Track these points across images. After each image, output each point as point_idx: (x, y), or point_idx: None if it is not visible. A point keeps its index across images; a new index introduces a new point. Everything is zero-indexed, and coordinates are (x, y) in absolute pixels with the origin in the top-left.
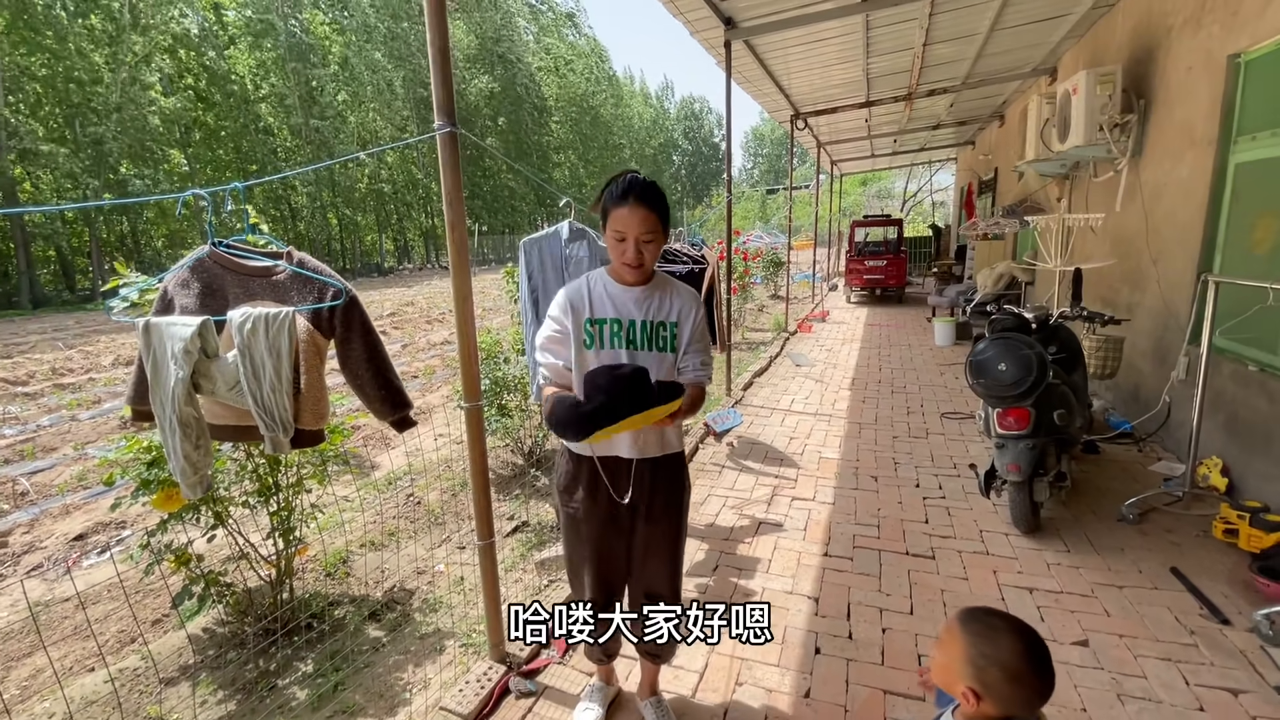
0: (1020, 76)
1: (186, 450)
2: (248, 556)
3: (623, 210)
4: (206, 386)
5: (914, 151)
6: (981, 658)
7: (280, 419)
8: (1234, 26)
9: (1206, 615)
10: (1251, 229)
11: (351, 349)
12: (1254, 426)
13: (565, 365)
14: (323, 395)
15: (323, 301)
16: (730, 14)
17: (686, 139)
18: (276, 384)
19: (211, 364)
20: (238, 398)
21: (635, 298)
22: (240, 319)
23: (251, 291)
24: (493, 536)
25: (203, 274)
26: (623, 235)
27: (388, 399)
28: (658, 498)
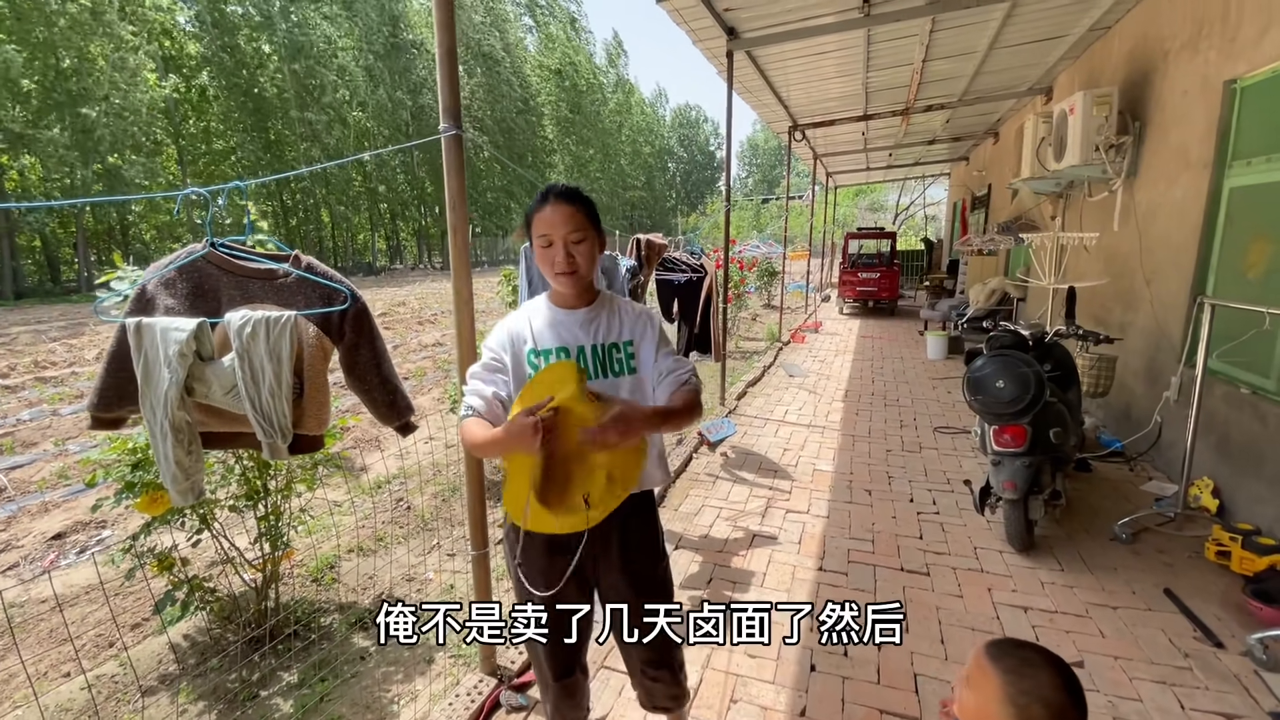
0: (1016, 95)
1: (178, 456)
2: (233, 561)
3: (543, 212)
4: (200, 391)
5: (908, 166)
6: (1022, 695)
7: (279, 425)
8: (1231, 53)
9: (1200, 638)
10: (1245, 253)
11: (360, 355)
12: (1245, 449)
13: (496, 394)
14: (326, 401)
15: (330, 306)
16: (733, 24)
17: (682, 147)
18: (276, 389)
19: (206, 368)
20: (234, 403)
21: (580, 321)
22: (240, 322)
23: (250, 294)
24: (486, 547)
25: (193, 275)
26: (549, 239)
27: (394, 405)
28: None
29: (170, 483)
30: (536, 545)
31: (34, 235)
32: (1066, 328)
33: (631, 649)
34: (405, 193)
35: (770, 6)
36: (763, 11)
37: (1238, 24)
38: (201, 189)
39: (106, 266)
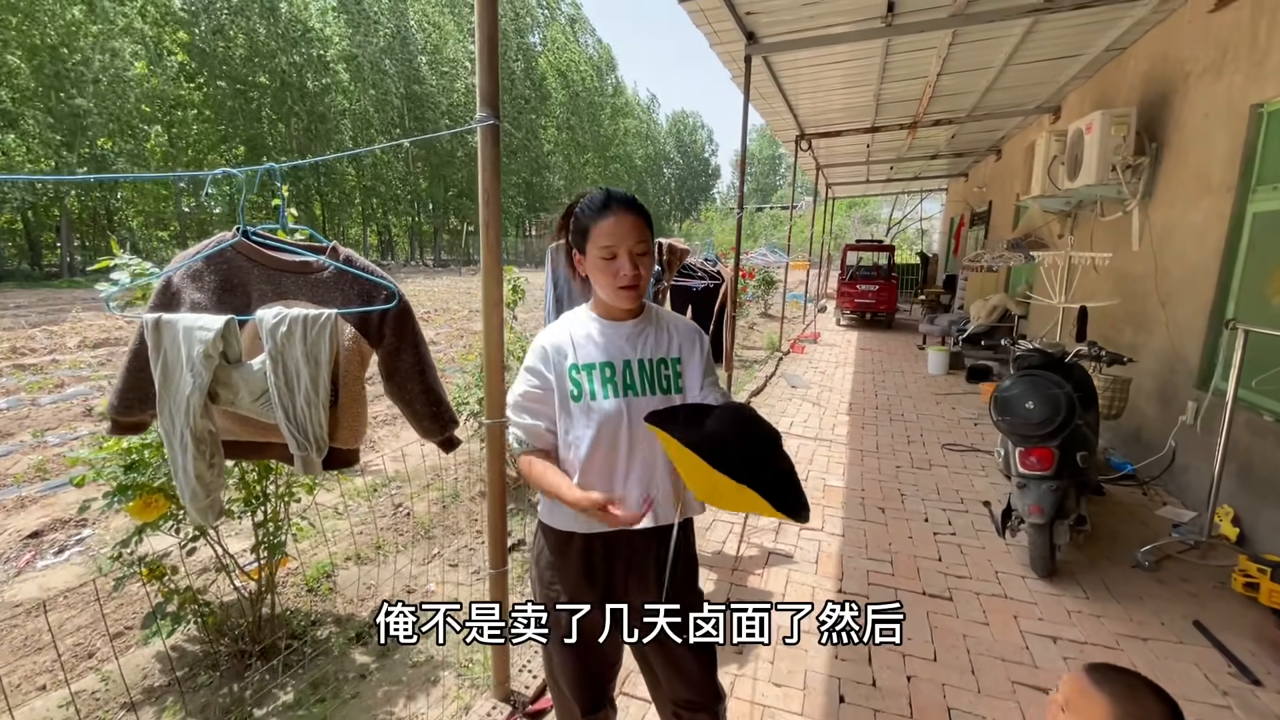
0: (1024, 113)
1: (199, 469)
2: (228, 569)
3: (607, 222)
4: (225, 397)
5: (907, 179)
6: None
7: (314, 436)
8: (1259, 77)
9: (1236, 674)
10: (1269, 278)
11: (401, 360)
12: (1269, 478)
13: (548, 427)
14: (362, 410)
15: (370, 305)
16: (753, 28)
17: (679, 153)
18: (313, 396)
19: (233, 371)
20: (264, 410)
21: (627, 334)
22: (274, 320)
23: (283, 289)
24: (506, 565)
25: (221, 266)
26: (613, 251)
27: (437, 417)
28: (675, 577)
29: (189, 499)
30: (572, 563)
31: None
32: (1088, 348)
33: (665, 686)
34: (399, 188)
35: (792, 12)
36: (784, 17)
37: (1267, 49)
38: (234, 169)
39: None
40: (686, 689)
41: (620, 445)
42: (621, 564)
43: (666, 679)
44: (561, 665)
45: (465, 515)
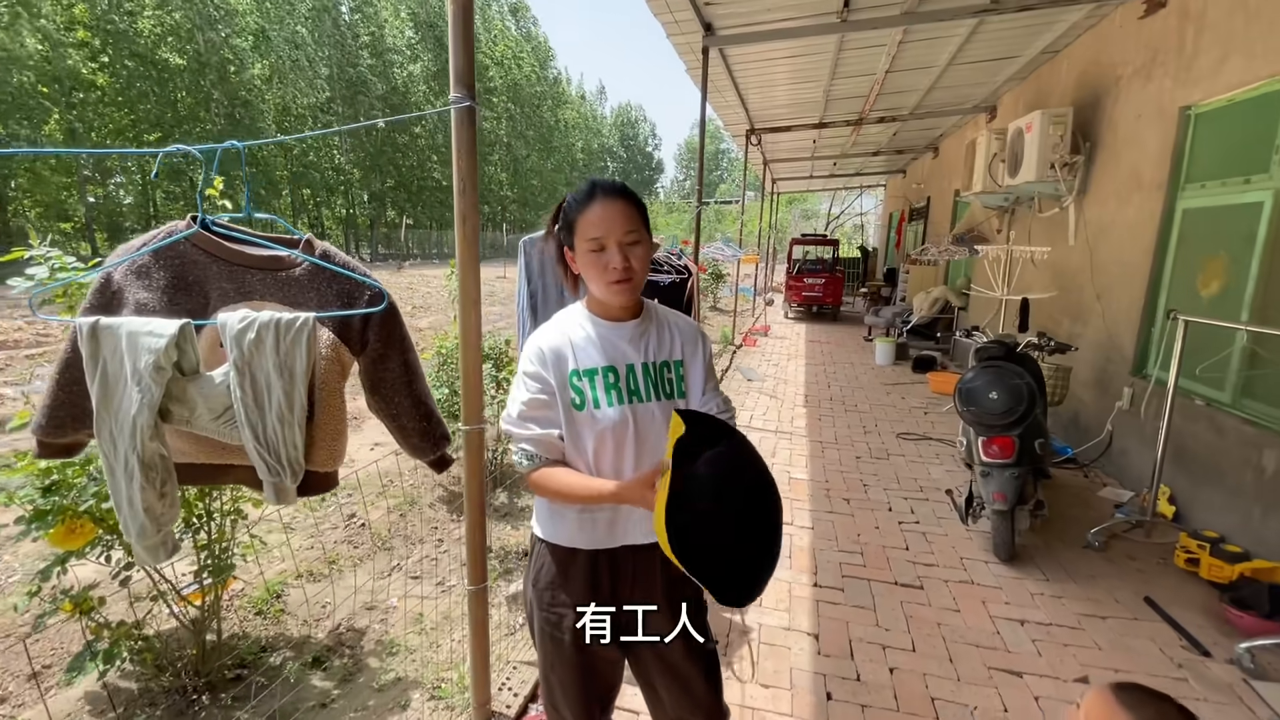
0: (962, 112)
1: (149, 501)
2: (164, 595)
3: (593, 210)
4: (179, 414)
5: (849, 176)
6: None
7: (288, 459)
8: (1186, 81)
9: (1188, 647)
10: (1198, 271)
11: (388, 369)
12: (1202, 458)
13: (560, 434)
14: (342, 428)
15: (351, 306)
16: (710, 19)
17: (622, 146)
18: (286, 413)
19: (189, 385)
20: (226, 430)
21: (628, 336)
22: (240, 325)
23: (247, 288)
24: (485, 580)
25: (173, 261)
26: (600, 242)
27: (428, 433)
28: (680, 594)
29: (136, 536)
30: (576, 581)
31: None
32: (1038, 338)
33: (669, 705)
34: (331, 178)
35: (750, 4)
36: (742, 9)
37: (1194, 54)
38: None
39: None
40: (693, 708)
41: (626, 455)
42: (627, 580)
43: (672, 698)
44: (563, 687)
45: (424, 523)
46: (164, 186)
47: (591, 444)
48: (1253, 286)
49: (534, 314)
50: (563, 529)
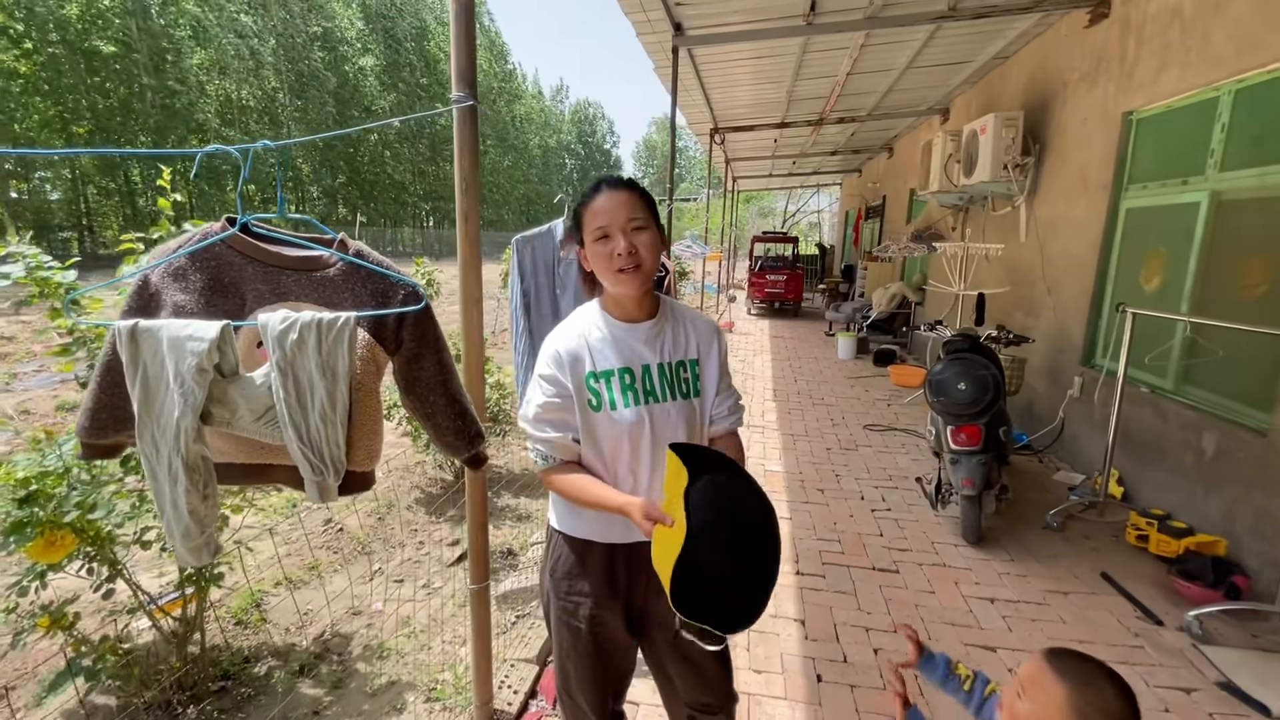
0: (917, 114)
1: (193, 504)
2: (144, 607)
3: (597, 200)
4: (220, 416)
5: (807, 174)
6: (1089, 706)
7: (331, 458)
8: (1129, 88)
9: (1142, 617)
10: (1141, 266)
11: (422, 369)
12: (1147, 442)
13: (574, 437)
14: (378, 427)
15: (386, 305)
16: (680, 19)
17: (580, 143)
18: (329, 413)
19: (230, 386)
20: (268, 431)
21: (644, 336)
22: (281, 325)
23: (283, 289)
24: (488, 579)
25: (209, 263)
26: (605, 230)
27: (463, 432)
28: None
29: (180, 538)
30: (593, 572)
31: None
32: (998, 331)
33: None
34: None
35: (719, 5)
36: (710, 9)
37: (1135, 62)
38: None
39: None
40: (705, 692)
41: (643, 455)
42: (643, 572)
43: (685, 684)
44: (579, 676)
45: (403, 526)
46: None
47: (608, 445)
48: (1191, 280)
49: (527, 312)
50: (580, 522)
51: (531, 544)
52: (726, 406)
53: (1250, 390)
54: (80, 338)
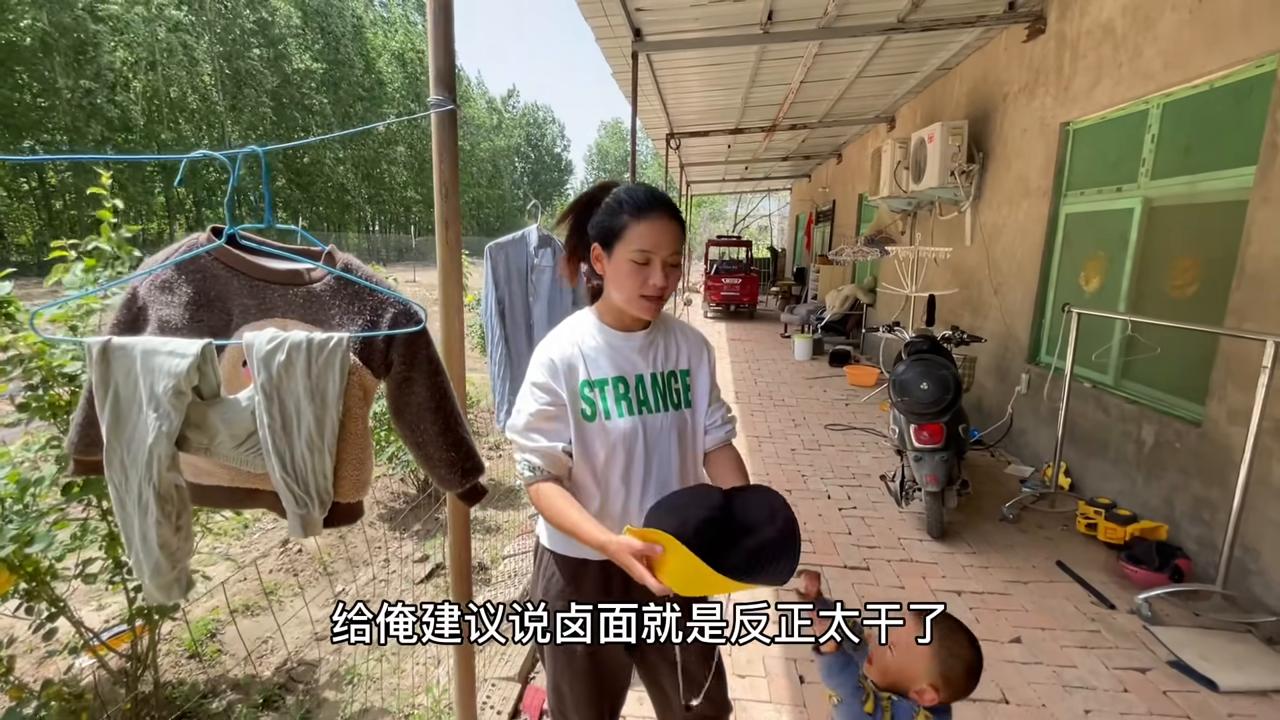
0: (864, 121)
1: (164, 536)
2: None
3: (648, 224)
4: (197, 442)
5: (758, 179)
6: (950, 655)
7: (317, 490)
8: (1065, 100)
9: (1097, 602)
10: (1081, 269)
11: (413, 393)
12: (1091, 434)
13: (565, 448)
14: (367, 456)
15: (375, 323)
16: (640, 25)
17: (529, 146)
18: (316, 440)
19: (209, 409)
20: (249, 458)
21: (638, 346)
22: (268, 346)
23: (269, 305)
24: (470, 598)
25: (195, 275)
26: (647, 257)
27: (457, 463)
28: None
29: (150, 575)
30: (588, 592)
31: None
32: (952, 331)
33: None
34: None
35: (678, 13)
36: (669, 16)
37: (1071, 76)
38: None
39: None
40: (703, 704)
41: (636, 465)
42: (638, 589)
43: (682, 697)
44: (575, 696)
45: (366, 544)
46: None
47: (602, 454)
48: (1128, 281)
49: (502, 320)
50: (571, 540)
51: (504, 557)
52: (719, 417)
53: (1185, 384)
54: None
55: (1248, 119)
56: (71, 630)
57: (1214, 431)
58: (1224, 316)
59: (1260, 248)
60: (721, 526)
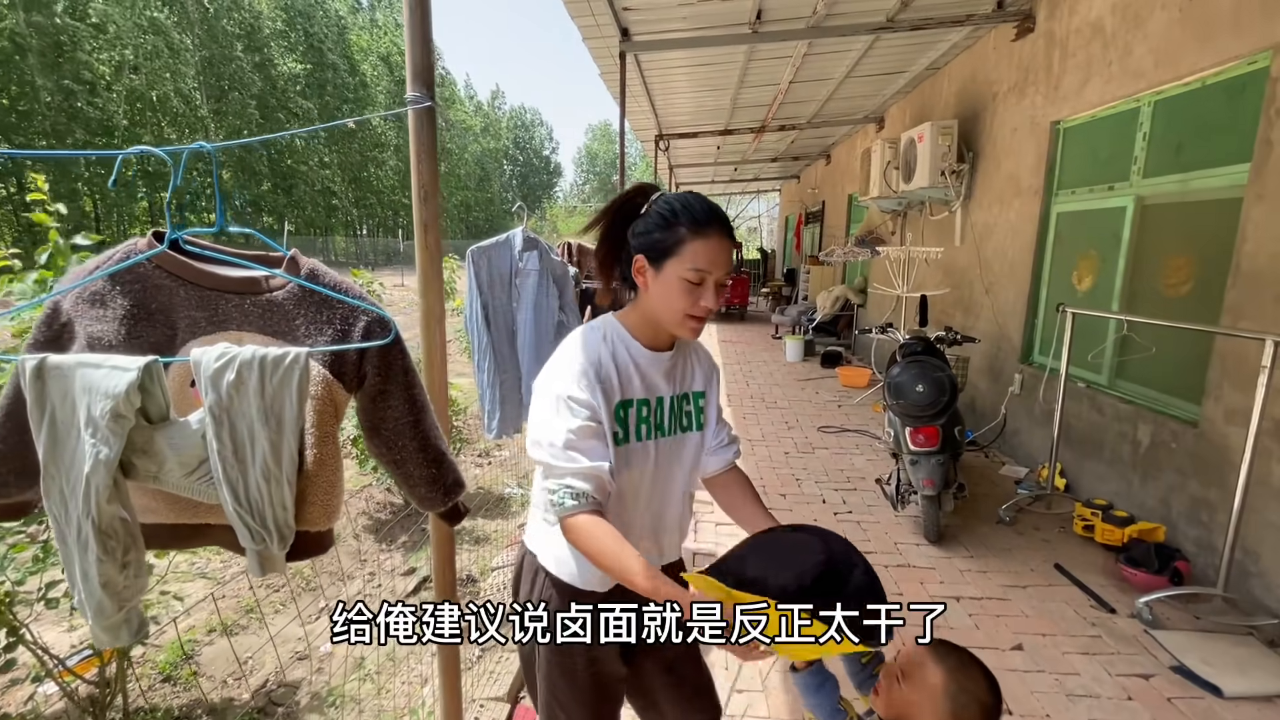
0: (853, 122)
1: (108, 574)
2: (51, 674)
3: (708, 242)
4: (144, 469)
5: (747, 181)
6: (963, 693)
7: (276, 522)
8: (1055, 99)
9: (1096, 606)
10: (1073, 268)
11: (389, 409)
12: (1086, 435)
13: (610, 468)
14: (337, 479)
15: (346, 333)
16: (627, 24)
17: (518, 149)
18: (273, 468)
19: (156, 433)
20: (201, 488)
21: (664, 368)
22: (216, 363)
23: (221, 316)
24: None
25: (133, 286)
26: (703, 276)
27: (438, 480)
28: None
29: (94, 615)
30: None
31: None
32: (946, 332)
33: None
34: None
35: (665, 12)
36: (656, 15)
37: (1061, 74)
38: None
39: None
40: (698, 710)
41: (641, 489)
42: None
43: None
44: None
45: (351, 557)
46: None
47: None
48: (1121, 280)
49: (489, 326)
50: (583, 570)
51: (493, 569)
52: (725, 436)
53: (1181, 384)
54: None
55: (1241, 116)
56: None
57: (1211, 431)
58: (1219, 315)
59: (1256, 245)
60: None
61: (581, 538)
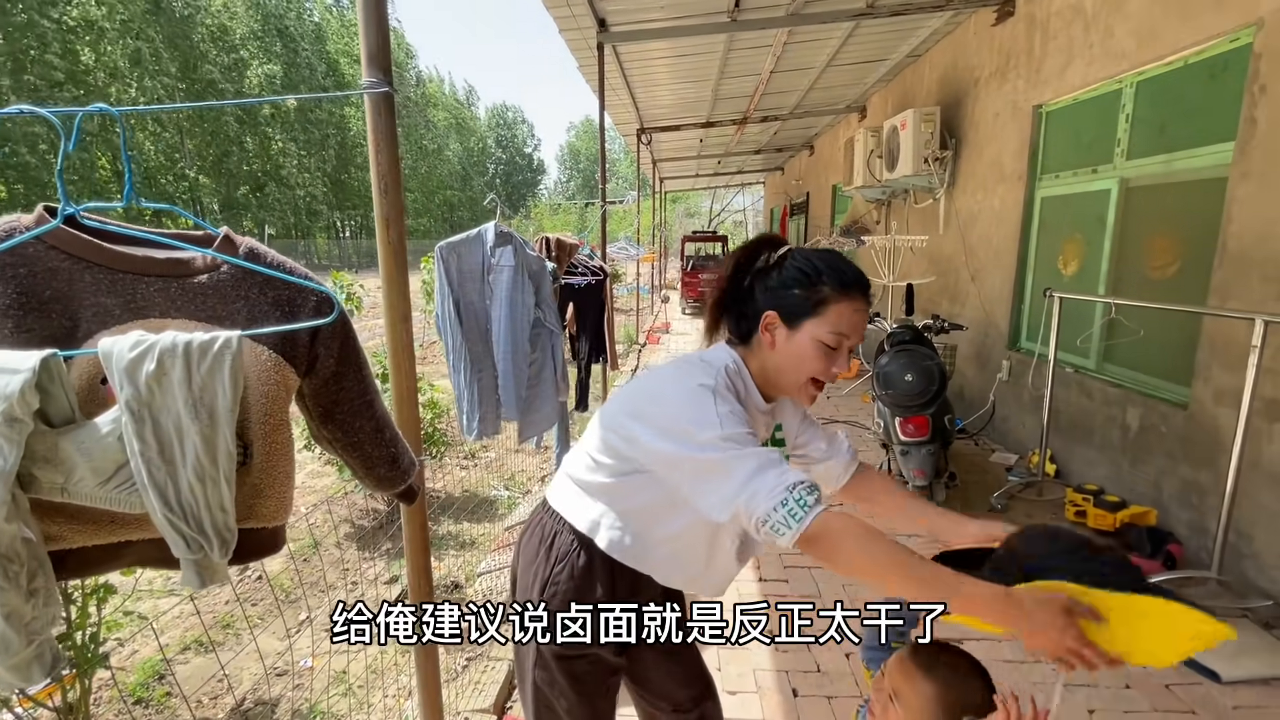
0: (835, 112)
1: (11, 604)
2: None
3: (851, 306)
4: (49, 481)
5: (731, 174)
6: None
7: (215, 526)
8: (1037, 82)
9: None
10: (1059, 252)
11: (343, 391)
12: (1075, 420)
13: None
14: (289, 469)
15: (293, 315)
16: (604, 15)
17: (499, 147)
18: (206, 467)
19: (61, 438)
20: (121, 497)
21: (766, 421)
22: (131, 353)
23: (141, 303)
24: None
25: (18, 270)
26: (841, 340)
27: (396, 460)
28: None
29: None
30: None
31: None
32: (934, 320)
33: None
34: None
35: (643, 0)
36: (633, 5)
37: (1042, 58)
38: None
39: None
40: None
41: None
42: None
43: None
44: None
45: (333, 566)
46: None
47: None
48: (1107, 264)
49: (461, 322)
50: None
51: (479, 574)
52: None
53: (1169, 366)
54: None
55: (1223, 94)
56: None
57: (1200, 413)
58: (1206, 296)
59: (1241, 225)
60: None
61: (855, 542)
